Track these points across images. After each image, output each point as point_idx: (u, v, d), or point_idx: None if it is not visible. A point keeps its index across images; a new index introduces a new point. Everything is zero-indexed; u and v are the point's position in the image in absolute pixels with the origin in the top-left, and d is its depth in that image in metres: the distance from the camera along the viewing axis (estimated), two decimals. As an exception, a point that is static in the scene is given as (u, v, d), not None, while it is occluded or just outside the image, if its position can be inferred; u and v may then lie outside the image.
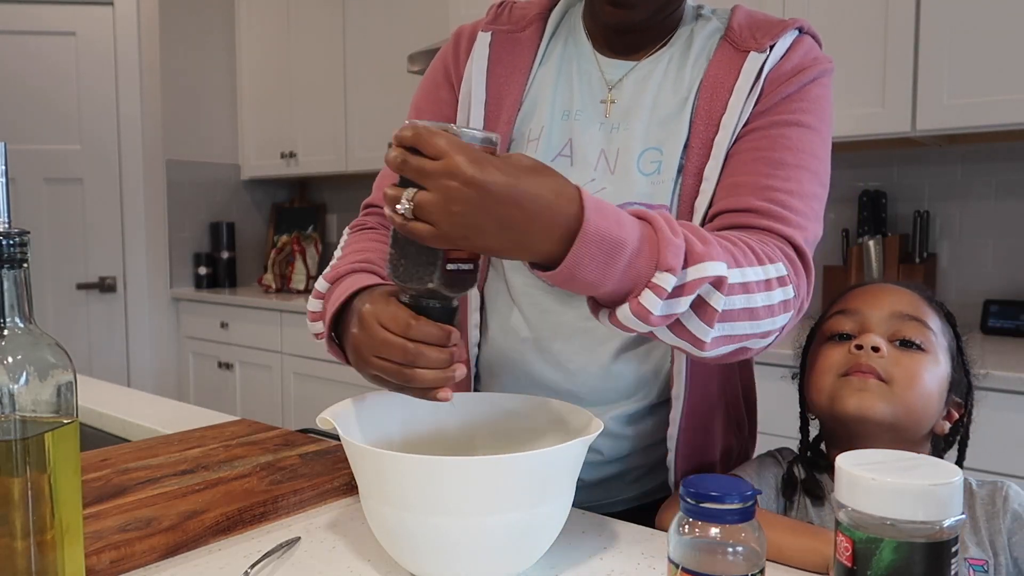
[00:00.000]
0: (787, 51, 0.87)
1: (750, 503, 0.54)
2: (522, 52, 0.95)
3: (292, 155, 3.57)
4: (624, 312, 0.66)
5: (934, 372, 0.83)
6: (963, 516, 0.50)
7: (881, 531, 0.50)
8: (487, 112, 0.93)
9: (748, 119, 0.85)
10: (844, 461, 0.53)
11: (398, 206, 0.62)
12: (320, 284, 0.84)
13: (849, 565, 0.51)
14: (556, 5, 0.97)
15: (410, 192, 0.62)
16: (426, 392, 0.69)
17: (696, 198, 0.84)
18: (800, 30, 0.89)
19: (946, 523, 0.49)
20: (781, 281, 0.74)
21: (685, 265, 0.66)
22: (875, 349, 0.82)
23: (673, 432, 0.90)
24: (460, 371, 0.69)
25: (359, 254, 0.87)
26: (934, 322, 0.86)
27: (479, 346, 0.96)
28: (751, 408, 1.01)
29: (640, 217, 0.68)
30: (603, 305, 0.69)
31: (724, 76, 0.86)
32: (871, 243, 2.17)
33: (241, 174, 3.85)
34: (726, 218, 0.81)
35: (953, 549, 0.49)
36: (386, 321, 0.69)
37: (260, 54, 3.70)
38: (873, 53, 1.95)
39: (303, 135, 3.54)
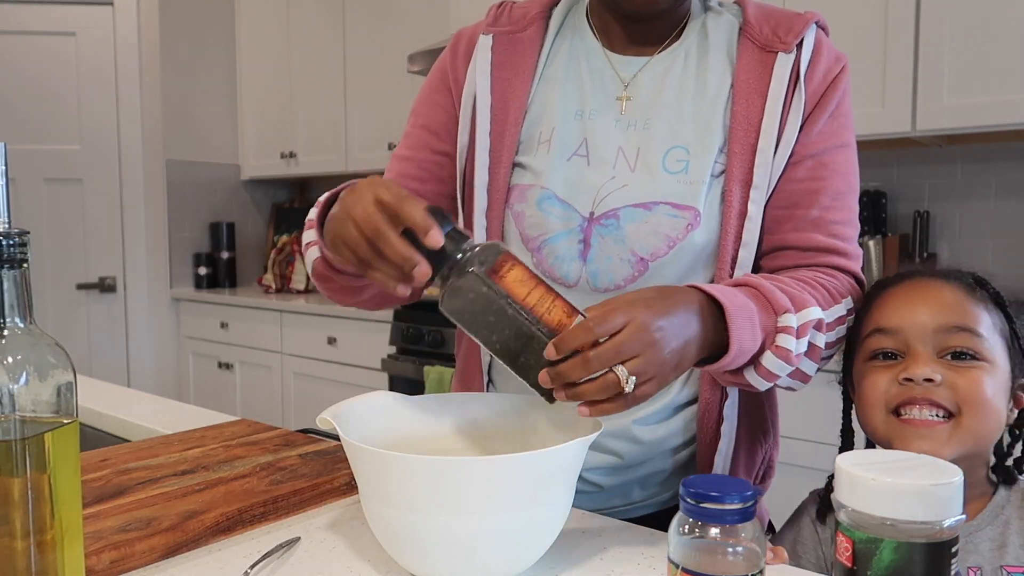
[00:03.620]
0: (813, 52, 0.87)
1: (750, 503, 0.54)
2: (525, 53, 0.93)
3: (292, 155, 3.57)
4: (769, 359, 0.75)
5: (994, 379, 0.76)
6: (963, 516, 0.50)
7: (881, 531, 0.50)
8: (493, 116, 0.92)
9: (798, 137, 0.86)
10: (844, 461, 0.53)
11: (626, 387, 0.64)
12: (312, 213, 0.86)
13: (849, 565, 0.51)
14: (558, 3, 0.96)
15: (623, 370, 0.64)
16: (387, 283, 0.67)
17: (748, 205, 0.85)
18: (816, 24, 0.89)
19: (946, 523, 0.49)
20: (849, 312, 0.85)
21: (795, 311, 0.76)
22: (928, 380, 0.75)
23: (724, 448, 0.89)
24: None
25: None
26: (983, 320, 0.78)
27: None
28: (773, 416, 0.99)
29: (734, 284, 0.77)
30: (739, 369, 0.77)
31: (756, 80, 0.86)
32: (871, 243, 2.17)
33: (241, 174, 3.85)
34: (794, 256, 0.88)
35: (953, 549, 0.49)
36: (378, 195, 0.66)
37: (260, 54, 3.70)
38: (873, 53, 1.95)
39: (303, 135, 3.54)
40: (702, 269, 0.87)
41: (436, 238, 0.64)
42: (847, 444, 0.88)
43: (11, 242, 0.53)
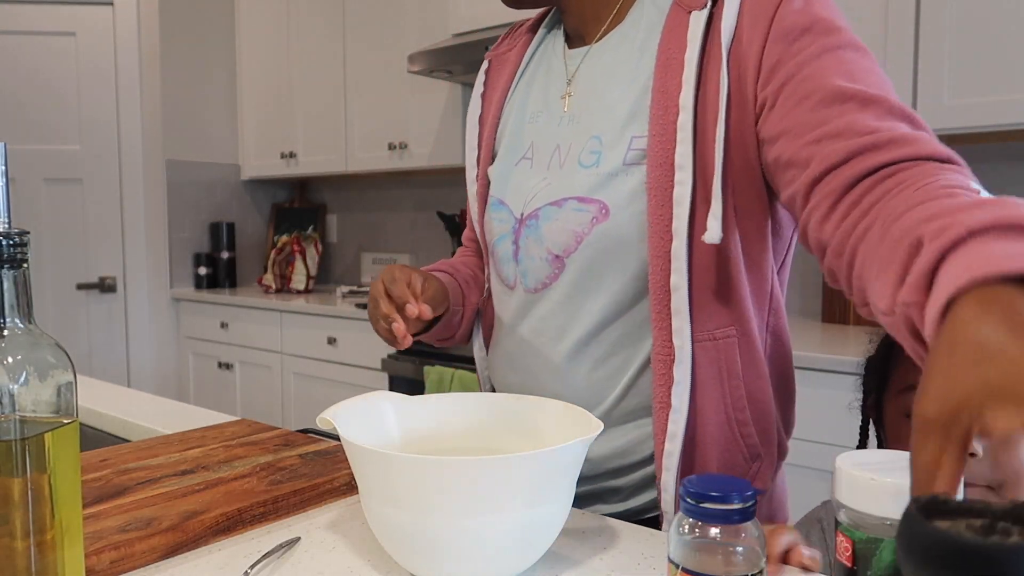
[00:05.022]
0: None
1: (750, 503, 0.54)
2: (506, 69, 0.97)
3: (292, 155, 3.57)
4: None
5: None
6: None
7: (881, 531, 0.50)
8: (480, 133, 0.98)
9: (757, 83, 0.73)
10: (844, 461, 0.53)
11: None
12: None
13: (849, 565, 0.51)
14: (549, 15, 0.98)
15: None
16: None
17: (673, 189, 0.76)
18: None
19: (946, 523, 0.49)
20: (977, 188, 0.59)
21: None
22: (971, 454, 0.70)
23: (673, 448, 0.79)
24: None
25: (445, 263, 1.04)
26: None
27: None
28: (766, 426, 0.84)
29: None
30: None
31: (675, 50, 0.77)
32: (871, 243, 2.16)
33: (241, 174, 3.85)
34: (839, 177, 0.63)
35: (953, 549, 0.49)
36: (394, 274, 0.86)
37: (260, 54, 3.70)
38: (873, 53, 1.95)
39: (303, 135, 3.54)
40: (623, 263, 0.81)
41: (411, 310, 0.82)
42: None
43: (11, 242, 0.53)
